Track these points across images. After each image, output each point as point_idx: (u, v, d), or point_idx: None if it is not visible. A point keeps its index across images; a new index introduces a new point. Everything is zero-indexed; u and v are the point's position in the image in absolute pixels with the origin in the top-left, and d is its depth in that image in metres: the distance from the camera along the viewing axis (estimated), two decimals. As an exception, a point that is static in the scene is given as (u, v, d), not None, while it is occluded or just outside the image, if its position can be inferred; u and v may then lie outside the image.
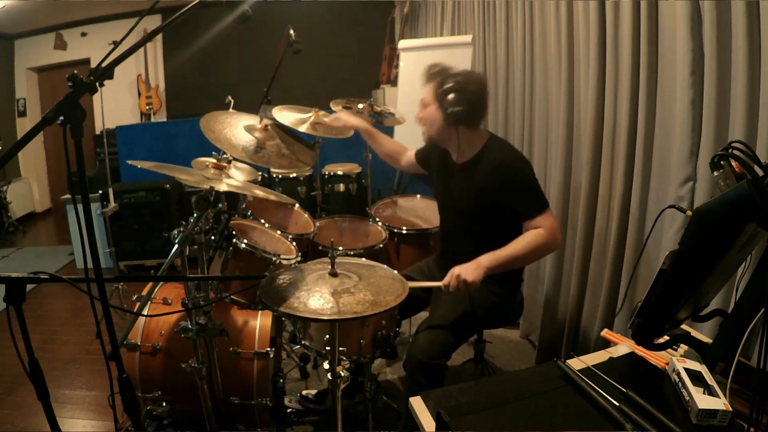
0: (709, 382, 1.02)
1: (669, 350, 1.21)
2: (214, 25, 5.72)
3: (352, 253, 2.10)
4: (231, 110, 2.17)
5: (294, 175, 3.76)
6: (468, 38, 3.24)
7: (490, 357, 2.55)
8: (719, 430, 0.95)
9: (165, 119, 6.31)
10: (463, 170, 1.78)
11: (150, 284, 1.74)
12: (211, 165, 1.91)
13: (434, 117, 1.72)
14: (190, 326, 1.56)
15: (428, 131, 1.79)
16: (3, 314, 0.97)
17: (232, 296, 1.80)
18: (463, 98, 1.64)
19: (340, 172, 3.86)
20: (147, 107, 6.23)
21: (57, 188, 6.78)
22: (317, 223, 2.31)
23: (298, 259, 1.89)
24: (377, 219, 2.40)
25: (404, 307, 1.45)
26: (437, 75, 1.72)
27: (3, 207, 5.67)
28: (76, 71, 0.88)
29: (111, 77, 0.95)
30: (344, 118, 2.13)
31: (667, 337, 1.15)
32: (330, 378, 1.35)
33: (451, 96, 1.64)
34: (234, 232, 1.77)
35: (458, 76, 1.67)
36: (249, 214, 2.16)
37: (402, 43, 3.74)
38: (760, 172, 0.93)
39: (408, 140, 2.23)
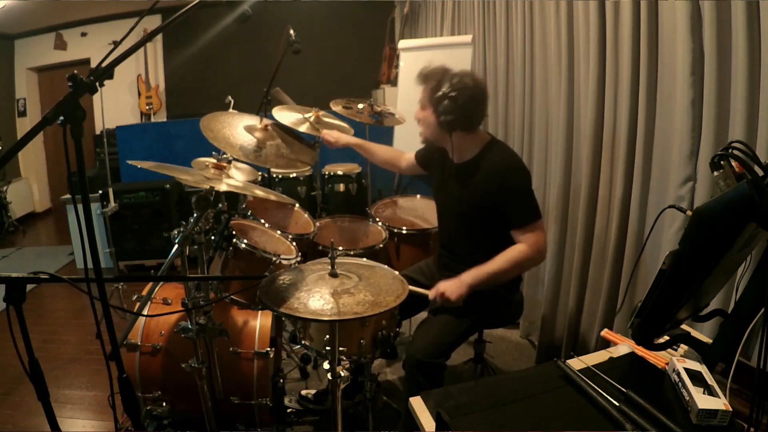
0: (709, 382, 1.02)
1: (669, 350, 1.21)
2: (214, 25, 5.72)
3: (352, 253, 2.10)
4: (231, 110, 2.17)
5: (294, 175, 3.76)
6: (468, 38, 3.24)
7: (490, 357, 2.55)
8: (719, 430, 0.95)
9: (165, 119, 6.30)
10: (460, 171, 1.78)
11: (150, 284, 1.74)
12: (211, 165, 1.91)
13: (430, 121, 1.73)
14: (190, 326, 1.56)
15: (424, 133, 1.80)
16: (3, 314, 0.96)
17: (232, 296, 1.80)
18: (456, 106, 1.62)
19: (340, 172, 3.86)
20: (147, 107, 6.23)
21: (57, 188, 6.78)
22: (317, 223, 2.31)
23: (298, 259, 1.89)
24: (377, 219, 2.39)
25: (404, 307, 1.45)
26: (432, 77, 1.70)
27: (3, 207, 5.67)
28: (76, 71, 0.88)
29: (111, 77, 0.94)
30: (336, 134, 2.16)
31: (667, 337, 1.15)
32: (330, 378, 1.35)
33: (444, 103, 1.63)
34: (234, 232, 1.77)
35: (454, 81, 1.64)
36: (249, 214, 2.16)
37: (402, 43, 3.75)
38: (760, 172, 0.93)
39: (408, 140, 2.24)
